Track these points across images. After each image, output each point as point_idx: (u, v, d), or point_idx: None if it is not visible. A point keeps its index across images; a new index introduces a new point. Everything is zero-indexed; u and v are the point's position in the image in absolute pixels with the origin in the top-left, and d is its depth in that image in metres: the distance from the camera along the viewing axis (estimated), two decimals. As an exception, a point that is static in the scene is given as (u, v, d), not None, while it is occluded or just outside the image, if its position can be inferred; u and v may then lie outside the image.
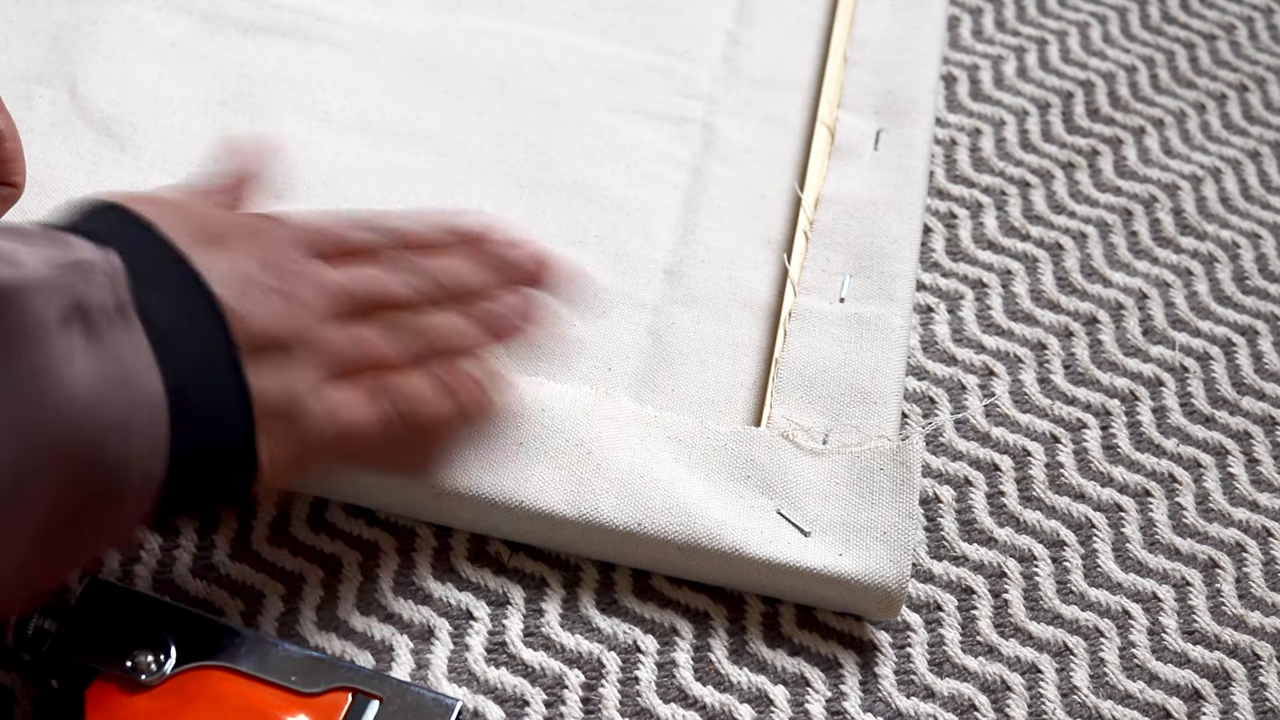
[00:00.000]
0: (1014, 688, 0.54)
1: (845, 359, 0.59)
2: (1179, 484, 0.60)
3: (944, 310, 0.65)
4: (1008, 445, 0.60)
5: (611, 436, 0.55)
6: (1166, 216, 0.70)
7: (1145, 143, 0.73)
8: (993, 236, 0.68)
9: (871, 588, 0.53)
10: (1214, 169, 0.72)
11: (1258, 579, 0.58)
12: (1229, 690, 0.55)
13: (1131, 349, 0.65)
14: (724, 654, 0.53)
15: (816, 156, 0.67)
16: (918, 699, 0.53)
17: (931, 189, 0.69)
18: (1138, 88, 0.75)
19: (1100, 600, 0.56)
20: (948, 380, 0.62)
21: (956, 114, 0.73)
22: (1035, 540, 0.58)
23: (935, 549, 0.57)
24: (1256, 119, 0.75)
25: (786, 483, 0.55)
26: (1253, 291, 0.68)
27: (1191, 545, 0.58)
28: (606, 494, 0.53)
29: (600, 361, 0.59)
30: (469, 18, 0.72)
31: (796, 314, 0.61)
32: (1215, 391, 0.64)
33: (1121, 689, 0.54)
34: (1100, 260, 0.68)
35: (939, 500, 0.58)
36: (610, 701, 0.51)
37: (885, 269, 0.63)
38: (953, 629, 0.55)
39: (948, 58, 0.75)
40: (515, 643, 0.52)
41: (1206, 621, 0.56)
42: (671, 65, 0.71)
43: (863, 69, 0.71)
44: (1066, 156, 0.72)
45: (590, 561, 0.54)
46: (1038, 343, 0.64)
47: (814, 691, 0.52)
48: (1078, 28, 0.78)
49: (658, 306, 0.62)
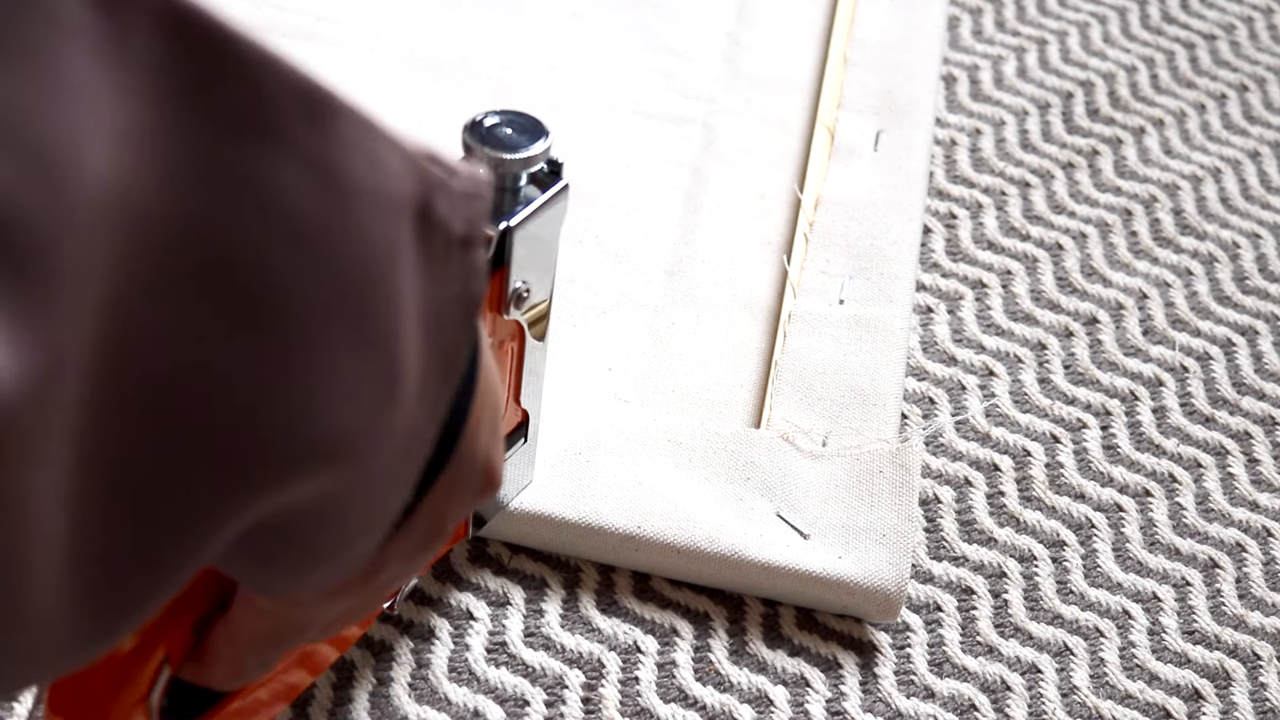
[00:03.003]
0: (1014, 688, 0.54)
1: (845, 361, 0.59)
2: (1179, 484, 0.60)
3: (944, 310, 0.65)
4: (1008, 445, 0.60)
5: (611, 439, 0.55)
6: (1166, 216, 0.70)
7: (1145, 143, 0.73)
8: (993, 236, 0.68)
9: (871, 590, 0.53)
10: (1214, 169, 0.72)
11: (1258, 579, 0.58)
12: (1229, 690, 0.55)
13: (1131, 349, 0.65)
14: (724, 654, 0.53)
15: (816, 157, 0.67)
16: (918, 699, 0.53)
17: (931, 189, 0.69)
18: (1138, 88, 0.75)
19: (1100, 600, 0.56)
20: (948, 381, 0.62)
21: (956, 114, 0.73)
22: (1035, 540, 0.58)
23: (935, 549, 0.57)
24: (1256, 119, 0.75)
25: (786, 485, 0.55)
26: (1253, 291, 0.68)
27: (1191, 545, 0.58)
28: (606, 497, 0.54)
29: (600, 361, 0.59)
30: (469, 18, 0.72)
31: (796, 316, 0.61)
32: (1215, 391, 0.64)
33: (1121, 689, 0.54)
34: (1100, 260, 0.68)
35: (939, 501, 0.58)
36: (610, 701, 0.51)
37: (885, 270, 0.63)
38: (953, 629, 0.55)
39: (948, 58, 0.75)
40: (515, 643, 0.52)
41: (1206, 621, 0.56)
42: (671, 65, 0.71)
43: (863, 69, 0.71)
44: (1066, 156, 0.72)
45: (590, 562, 0.55)
46: (1038, 343, 0.64)
47: (814, 692, 0.53)
48: (1078, 28, 0.78)
49: (658, 306, 0.62)
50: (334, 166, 0.28)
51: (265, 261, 0.26)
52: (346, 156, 0.28)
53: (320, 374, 0.28)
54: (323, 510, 0.31)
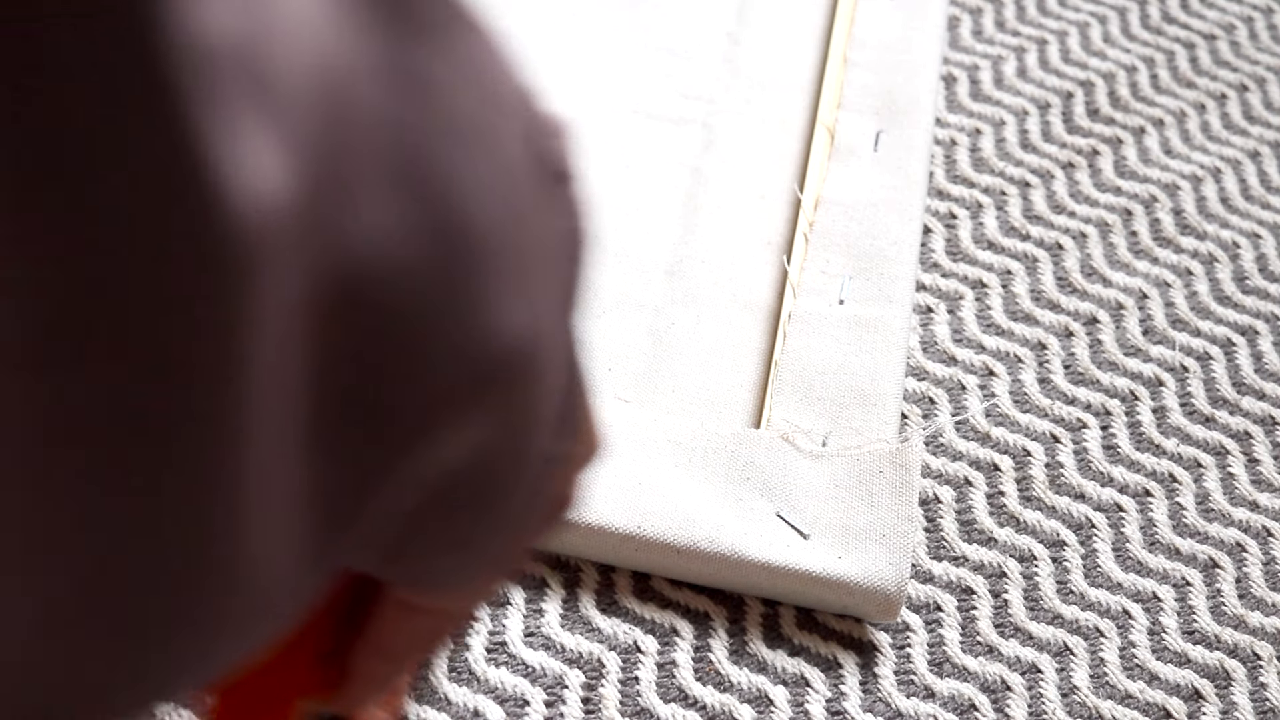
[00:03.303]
0: (1014, 688, 0.54)
1: (845, 361, 0.59)
2: (1179, 484, 0.60)
3: (944, 310, 0.65)
4: (1008, 445, 0.60)
5: (610, 439, 0.55)
6: (1166, 216, 0.70)
7: (1145, 143, 0.73)
8: (993, 236, 0.68)
9: (870, 591, 0.53)
10: (1214, 169, 0.72)
11: (1258, 579, 0.58)
12: (1229, 690, 0.55)
13: (1131, 349, 0.65)
14: (724, 654, 0.53)
15: (816, 157, 0.67)
16: (918, 699, 0.53)
17: (931, 189, 0.69)
18: (1138, 88, 0.75)
19: (1100, 600, 0.56)
20: (947, 381, 0.62)
21: (956, 114, 0.73)
22: (1035, 540, 0.58)
23: (935, 549, 0.57)
24: (1256, 119, 0.75)
25: (786, 485, 0.55)
26: (1253, 291, 0.68)
27: (1191, 545, 0.58)
28: (606, 497, 0.54)
29: (600, 361, 0.59)
30: (469, 18, 0.72)
31: (796, 316, 0.61)
32: (1215, 391, 0.64)
33: (1121, 689, 0.54)
34: (1100, 260, 0.68)
35: (939, 501, 0.58)
36: (610, 701, 0.51)
37: (885, 271, 0.63)
38: (953, 629, 0.55)
39: (948, 58, 0.75)
40: (515, 642, 0.52)
41: (1206, 621, 0.56)
42: (671, 65, 0.71)
43: (863, 70, 0.71)
44: (1066, 156, 0.72)
45: (590, 562, 0.55)
46: (1038, 343, 0.64)
47: (814, 692, 0.53)
48: (1078, 28, 0.78)
49: (658, 306, 0.62)
50: (485, 78, 0.27)
51: (450, 169, 0.25)
52: (491, 67, 0.27)
53: (505, 283, 0.26)
54: (497, 450, 0.27)
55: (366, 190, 0.23)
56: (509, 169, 0.27)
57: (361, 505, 0.24)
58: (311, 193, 0.21)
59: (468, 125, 0.26)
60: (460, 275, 0.25)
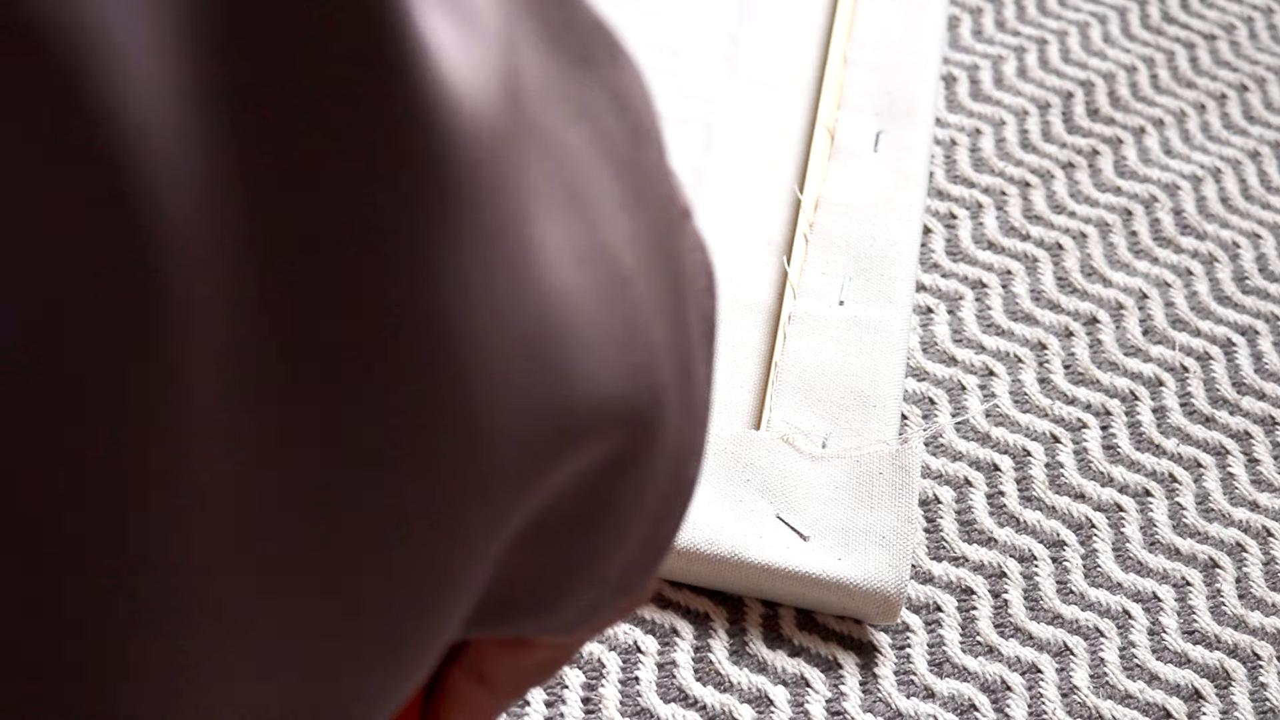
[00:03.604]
0: (1014, 688, 0.54)
1: (845, 363, 0.59)
2: (1179, 484, 0.60)
3: (944, 311, 0.65)
4: (1008, 446, 0.60)
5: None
6: (1166, 216, 0.70)
7: (1145, 143, 0.73)
8: (993, 236, 0.68)
9: (870, 592, 0.53)
10: (1214, 169, 0.72)
11: (1258, 579, 0.58)
12: (1229, 690, 0.55)
13: (1131, 349, 0.65)
14: (724, 654, 0.53)
15: (816, 157, 0.67)
16: (918, 699, 0.53)
17: (931, 189, 0.69)
18: (1138, 88, 0.75)
19: (1100, 600, 0.56)
20: (947, 381, 0.62)
21: (956, 114, 0.73)
22: (1035, 540, 0.58)
23: (935, 550, 0.57)
24: (1256, 119, 0.75)
25: (786, 487, 0.55)
26: (1253, 291, 0.68)
27: (1191, 545, 0.59)
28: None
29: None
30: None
31: (796, 317, 0.61)
32: (1215, 391, 0.64)
33: (1121, 689, 0.54)
34: (1100, 260, 0.68)
35: (939, 501, 0.58)
36: (610, 701, 0.51)
37: (885, 271, 0.63)
38: (952, 629, 0.55)
39: (948, 58, 0.75)
40: (516, 644, 0.52)
41: (1206, 621, 0.56)
42: (671, 65, 0.71)
43: (863, 70, 0.71)
44: (1066, 156, 0.72)
45: (591, 563, 0.55)
46: (1038, 343, 0.64)
47: (814, 692, 0.53)
48: (1078, 28, 0.78)
49: (658, 307, 0.62)
50: (632, 107, 0.27)
51: (594, 193, 0.25)
52: (635, 98, 0.27)
53: (639, 312, 0.26)
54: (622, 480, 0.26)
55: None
56: (658, 203, 0.27)
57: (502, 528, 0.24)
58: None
59: (619, 156, 0.26)
60: (616, 297, 0.25)
